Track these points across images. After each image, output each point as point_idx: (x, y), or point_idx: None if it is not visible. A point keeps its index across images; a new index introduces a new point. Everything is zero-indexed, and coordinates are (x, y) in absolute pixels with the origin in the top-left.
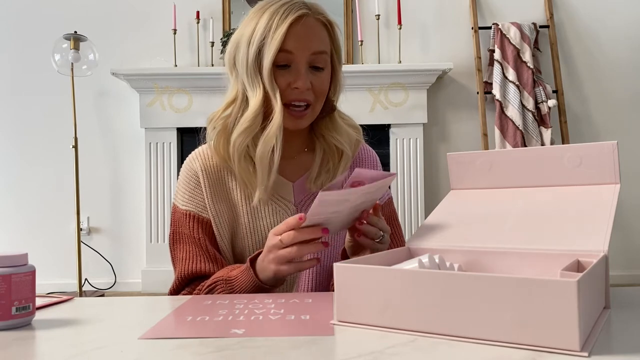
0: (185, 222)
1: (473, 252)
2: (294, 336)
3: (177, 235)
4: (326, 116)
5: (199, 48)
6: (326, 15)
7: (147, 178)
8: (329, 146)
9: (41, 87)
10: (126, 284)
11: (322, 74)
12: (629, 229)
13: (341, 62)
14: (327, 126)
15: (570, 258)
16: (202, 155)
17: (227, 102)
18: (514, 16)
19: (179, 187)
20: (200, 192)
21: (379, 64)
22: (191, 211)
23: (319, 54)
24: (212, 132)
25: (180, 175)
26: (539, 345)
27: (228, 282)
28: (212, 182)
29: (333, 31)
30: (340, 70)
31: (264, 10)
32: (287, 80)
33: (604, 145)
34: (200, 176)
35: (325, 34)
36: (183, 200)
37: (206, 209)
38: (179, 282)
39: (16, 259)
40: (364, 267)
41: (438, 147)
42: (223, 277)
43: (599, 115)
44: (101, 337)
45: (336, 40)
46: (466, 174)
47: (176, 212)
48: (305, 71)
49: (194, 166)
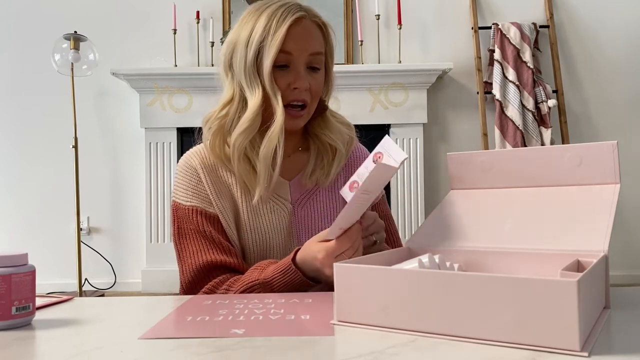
0: (191, 218)
1: (473, 252)
2: (294, 336)
3: (182, 231)
4: (318, 116)
5: (199, 48)
6: (321, 17)
7: (147, 178)
8: (322, 144)
9: (41, 87)
10: (126, 284)
11: (318, 74)
12: (629, 229)
13: (333, 62)
14: (320, 125)
15: (570, 258)
16: (199, 153)
17: (223, 102)
18: (514, 16)
19: (178, 184)
20: (203, 188)
21: (379, 64)
22: (197, 207)
23: (316, 54)
24: (207, 133)
25: (178, 174)
26: (539, 345)
27: (266, 284)
28: (213, 178)
29: (327, 33)
30: (332, 71)
31: (260, 12)
32: (287, 80)
33: (604, 145)
34: (201, 173)
35: (321, 36)
36: (186, 197)
37: (212, 204)
38: (192, 275)
39: (16, 259)
40: (364, 267)
41: (438, 147)
42: (258, 280)
43: (599, 115)
44: (101, 337)
45: (330, 41)
46: (466, 174)
47: (179, 209)
48: (304, 72)
49: (192, 163)
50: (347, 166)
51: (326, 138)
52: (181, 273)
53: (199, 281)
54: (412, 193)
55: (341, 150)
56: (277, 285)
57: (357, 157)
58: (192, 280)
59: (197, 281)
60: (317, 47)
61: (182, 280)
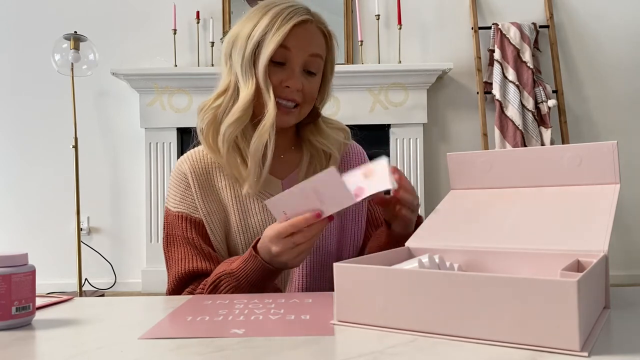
0: (177, 224)
1: (473, 252)
2: (294, 336)
3: (170, 237)
4: (311, 122)
5: (199, 48)
6: (327, 25)
7: (147, 178)
8: (316, 150)
9: (41, 87)
10: (126, 284)
11: (314, 79)
12: (629, 229)
13: (333, 74)
14: (312, 131)
15: (570, 258)
16: (191, 157)
17: (218, 92)
18: (514, 16)
19: (169, 191)
20: (190, 194)
21: (379, 64)
22: (183, 212)
23: (315, 56)
24: (201, 123)
25: (170, 180)
26: (539, 345)
27: (232, 275)
28: (201, 182)
29: (331, 42)
30: (330, 81)
31: (266, 10)
32: (280, 77)
33: (604, 146)
34: (190, 177)
35: (324, 42)
36: (174, 203)
37: (197, 209)
38: (176, 283)
39: (16, 259)
40: (364, 267)
41: (438, 147)
42: (225, 271)
43: (599, 115)
44: (101, 337)
45: (332, 51)
46: (466, 174)
47: (169, 215)
48: (299, 72)
49: (182, 169)
50: (341, 164)
51: (319, 145)
52: (168, 280)
53: (181, 289)
54: None
55: (335, 156)
56: (242, 275)
57: (351, 154)
58: (174, 289)
59: (179, 289)
60: (317, 50)
61: (168, 287)
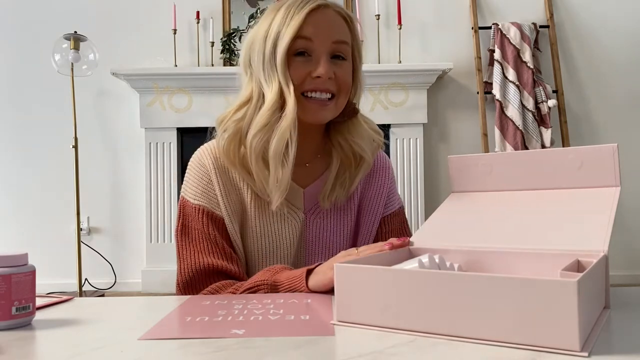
0: (196, 217)
1: (473, 252)
2: (294, 336)
3: (186, 228)
4: (348, 120)
5: (199, 48)
6: (345, 9)
7: (147, 178)
8: (345, 154)
9: (41, 87)
10: (126, 284)
11: (345, 64)
12: (629, 229)
13: (362, 59)
14: (348, 130)
15: (570, 258)
16: (213, 152)
17: (239, 103)
18: (514, 16)
19: (188, 181)
20: (212, 189)
21: (379, 64)
22: (204, 207)
23: (340, 43)
24: (221, 136)
25: (189, 169)
26: (539, 345)
27: (275, 286)
28: (224, 180)
29: (353, 25)
30: (360, 69)
31: (279, 6)
32: (307, 69)
33: (605, 148)
34: (212, 173)
35: (345, 26)
36: (194, 195)
37: (219, 206)
38: (191, 275)
39: (16, 259)
40: (364, 267)
41: (438, 147)
42: (267, 280)
43: (599, 115)
44: (101, 337)
45: (356, 35)
46: (467, 177)
47: (186, 205)
48: (326, 59)
49: (205, 162)
50: (369, 175)
51: (354, 146)
52: (179, 271)
53: (197, 283)
54: (412, 193)
55: (368, 161)
56: (283, 290)
57: (379, 167)
58: (189, 281)
59: (194, 282)
60: (342, 36)
61: (179, 279)
